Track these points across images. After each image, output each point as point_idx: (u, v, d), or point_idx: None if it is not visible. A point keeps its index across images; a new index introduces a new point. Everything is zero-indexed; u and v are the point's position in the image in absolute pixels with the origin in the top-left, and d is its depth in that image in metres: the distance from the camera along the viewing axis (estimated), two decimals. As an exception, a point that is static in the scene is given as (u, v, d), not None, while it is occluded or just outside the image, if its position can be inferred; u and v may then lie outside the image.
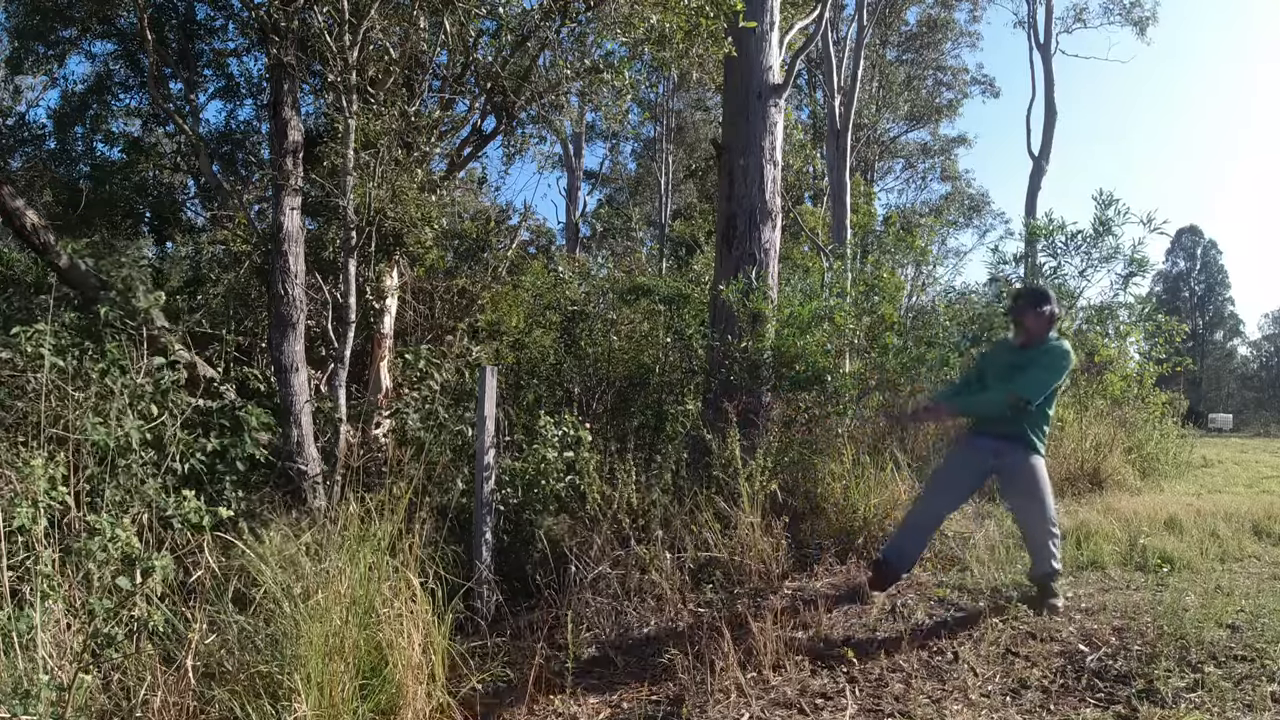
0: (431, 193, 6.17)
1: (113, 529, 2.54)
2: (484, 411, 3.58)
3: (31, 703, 1.95)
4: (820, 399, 5.44)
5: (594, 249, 19.20)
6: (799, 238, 15.55)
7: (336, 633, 2.27)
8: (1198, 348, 40.35)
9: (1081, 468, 6.41)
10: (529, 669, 2.66)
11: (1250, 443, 17.20)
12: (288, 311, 4.32)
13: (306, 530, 2.83)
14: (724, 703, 2.61)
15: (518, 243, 10.79)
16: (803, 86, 19.69)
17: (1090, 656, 2.89)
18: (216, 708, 2.21)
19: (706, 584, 3.70)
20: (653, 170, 21.17)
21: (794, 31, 6.84)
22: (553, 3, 5.32)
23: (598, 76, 5.78)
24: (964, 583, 3.82)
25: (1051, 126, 17.51)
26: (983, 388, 3.68)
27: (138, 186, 7.78)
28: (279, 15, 4.37)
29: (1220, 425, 26.61)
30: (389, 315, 6.64)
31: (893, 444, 5.26)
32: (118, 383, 3.12)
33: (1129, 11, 18.79)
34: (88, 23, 7.05)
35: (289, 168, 4.41)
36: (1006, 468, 3.51)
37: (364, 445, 4.86)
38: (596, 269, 11.48)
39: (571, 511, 3.76)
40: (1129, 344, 8.02)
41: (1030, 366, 3.43)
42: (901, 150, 23.97)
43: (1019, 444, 3.46)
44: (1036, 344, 3.50)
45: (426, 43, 6.19)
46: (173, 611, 2.53)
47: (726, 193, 5.95)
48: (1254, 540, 4.73)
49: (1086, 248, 7.20)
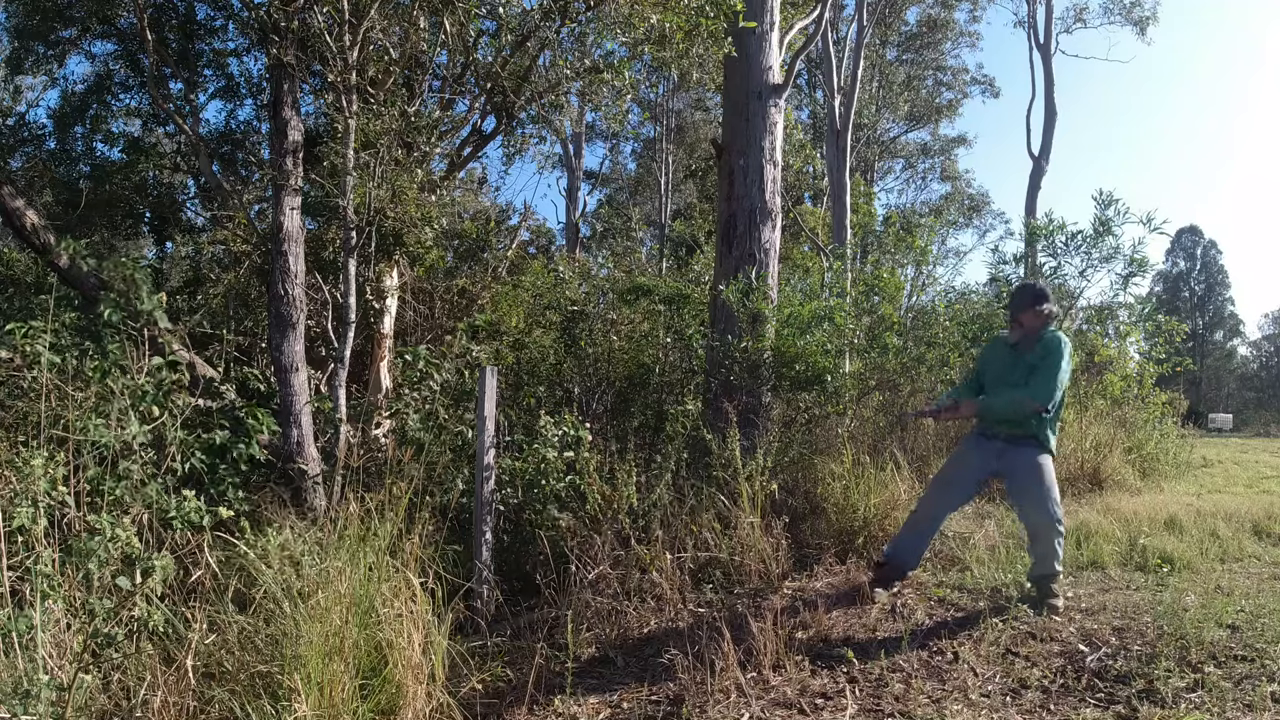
0: (431, 193, 6.18)
1: (113, 529, 2.54)
2: (484, 411, 3.58)
3: (31, 703, 1.95)
4: (820, 399, 5.44)
5: (594, 249, 19.20)
6: (799, 238, 15.56)
7: (336, 633, 2.27)
8: (1198, 348, 40.36)
9: (1081, 468, 6.41)
10: (529, 669, 2.66)
11: (1250, 443, 17.20)
12: (288, 311, 4.32)
13: (306, 530, 2.83)
14: (724, 703, 2.61)
15: (518, 243, 10.78)
16: (803, 86, 19.69)
17: (1090, 656, 2.89)
18: (216, 708, 2.21)
19: (706, 584, 3.70)
20: (653, 170, 21.18)
21: (794, 31, 6.84)
22: (553, 3, 5.32)
23: (598, 76, 5.78)
24: (964, 583, 3.82)
25: (1051, 126, 17.52)
26: (980, 387, 3.69)
27: (138, 186, 7.78)
28: (279, 15, 4.37)
29: (1220, 425, 26.59)
30: (389, 315, 6.64)
31: (893, 444, 5.26)
32: (118, 383, 3.12)
33: (1129, 11, 18.81)
34: (88, 23, 7.06)
35: (289, 168, 4.41)
36: (1013, 468, 3.51)
37: (364, 445, 4.86)
38: (597, 269, 11.48)
39: (572, 511, 3.76)
40: (1129, 344, 8.03)
41: (1037, 370, 3.43)
42: (901, 150, 23.98)
43: (1029, 444, 3.47)
44: (1033, 343, 3.50)
45: (426, 43, 6.19)
46: (173, 611, 2.53)
47: (726, 193, 5.95)
48: (1254, 540, 4.73)
49: (1086, 248, 7.20)
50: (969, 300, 7.41)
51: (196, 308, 6.84)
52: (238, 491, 3.55)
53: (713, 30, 5.56)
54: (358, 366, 6.26)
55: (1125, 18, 18.88)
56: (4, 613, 2.16)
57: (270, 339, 4.41)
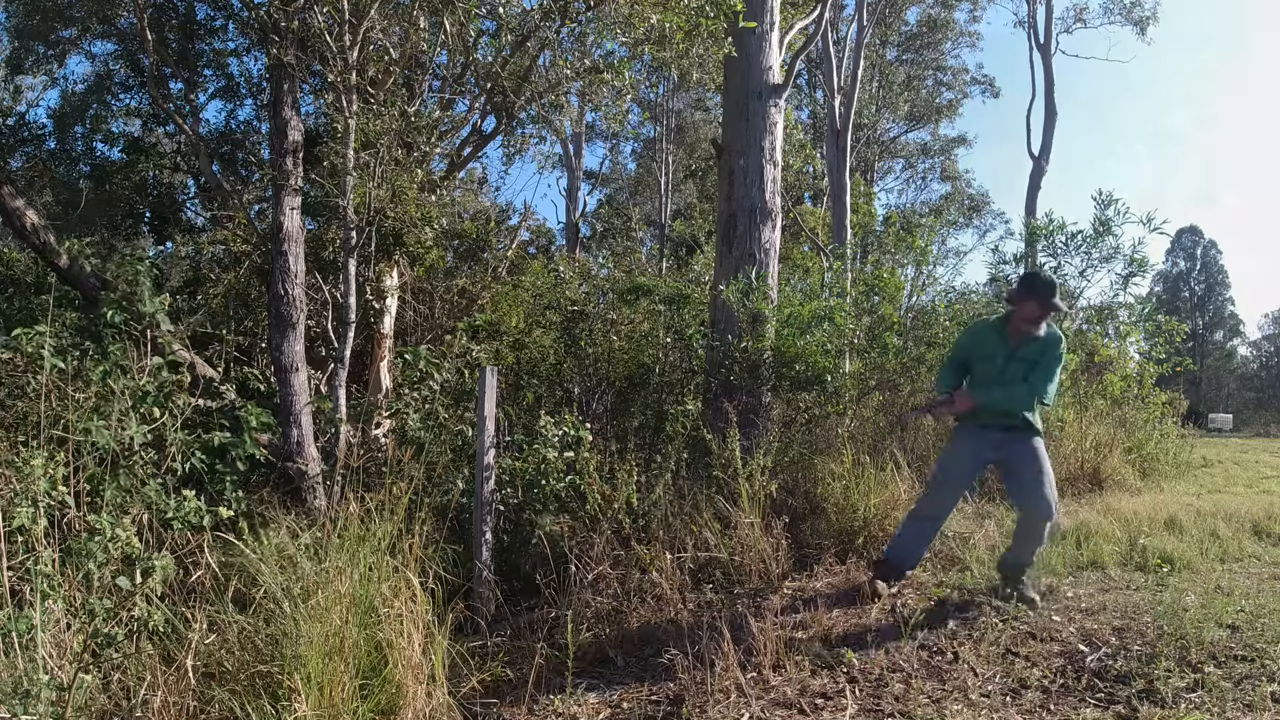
0: (431, 193, 6.18)
1: (113, 529, 2.54)
2: (484, 411, 3.58)
3: (31, 703, 1.95)
4: (820, 399, 5.44)
5: (594, 249, 19.19)
6: (799, 238, 15.55)
7: (336, 633, 2.27)
8: (1198, 348, 40.35)
9: (1081, 468, 6.41)
10: (529, 669, 2.66)
11: (1250, 443, 17.20)
12: (288, 311, 4.32)
13: (306, 530, 2.83)
14: (724, 703, 2.61)
15: (518, 243, 10.78)
16: (803, 86, 19.69)
17: (1090, 656, 2.89)
18: (216, 708, 2.21)
19: (706, 584, 3.70)
20: (653, 170, 21.17)
21: (794, 31, 6.84)
22: (553, 3, 5.32)
23: (598, 76, 5.78)
24: (964, 583, 3.82)
25: (1051, 126, 17.51)
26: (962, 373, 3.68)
27: (138, 186, 7.78)
28: (279, 15, 4.37)
29: (1220, 425, 26.59)
30: (389, 315, 6.64)
31: (893, 444, 5.26)
32: (119, 384, 3.12)
33: (1129, 11, 18.79)
34: (88, 23, 7.06)
35: (289, 168, 4.41)
36: (1013, 457, 3.52)
37: (364, 445, 4.86)
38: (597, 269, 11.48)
39: (572, 511, 3.76)
40: (1129, 344, 8.03)
41: (1038, 366, 3.44)
42: (901, 150, 23.98)
43: (1026, 431, 3.51)
44: (1032, 338, 3.47)
45: (426, 43, 6.20)
46: (173, 611, 2.53)
47: (726, 193, 5.95)
48: (1254, 540, 4.73)
49: (1086, 248, 7.22)
50: (969, 300, 7.41)
51: (196, 308, 6.84)
52: (237, 491, 3.55)
53: (713, 30, 5.56)
54: (358, 366, 6.26)
55: (1125, 18, 18.87)
56: (4, 613, 2.16)
57: (270, 339, 4.41)
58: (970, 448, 3.63)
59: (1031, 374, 3.44)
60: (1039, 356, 3.45)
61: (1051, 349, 3.45)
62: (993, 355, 3.56)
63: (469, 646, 2.83)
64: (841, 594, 3.67)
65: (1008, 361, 3.50)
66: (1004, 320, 3.61)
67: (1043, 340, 3.47)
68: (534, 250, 12.65)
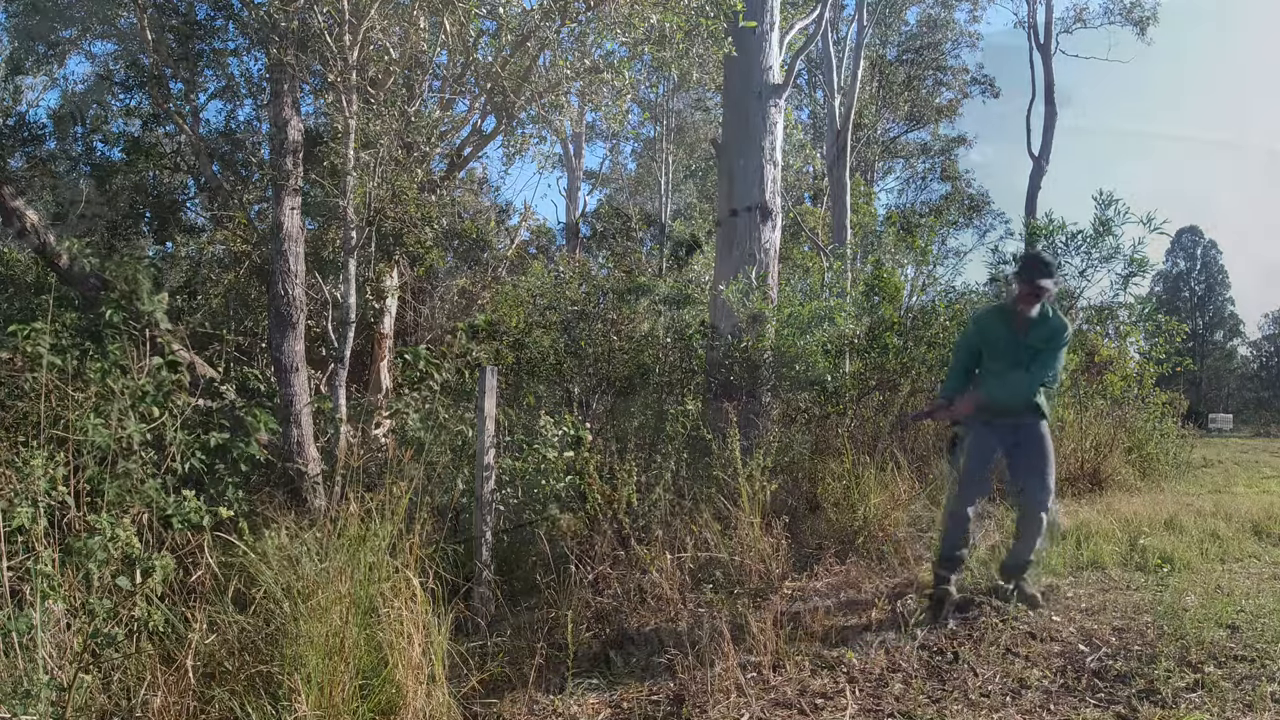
0: (431, 193, 6.17)
1: (113, 529, 2.54)
2: (484, 411, 3.58)
3: (31, 703, 1.95)
4: (820, 399, 5.45)
5: (594, 249, 19.18)
6: (799, 238, 15.54)
7: (336, 632, 2.27)
8: (1198, 348, 40.30)
9: (1081, 468, 6.41)
10: (529, 669, 2.66)
11: (1250, 443, 17.20)
12: (288, 311, 4.32)
13: (306, 530, 2.83)
14: (724, 703, 2.60)
15: (518, 243, 10.78)
16: (803, 86, 19.66)
17: (1090, 656, 2.89)
18: (216, 708, 2.21)
19: (706, 584, 3.70)
20: (653, 170, 21.13)
21: (794, 31, 6.84)
22: (553, 3, 5.32)
23: (598, 76, 5.78)
24: (964, 583, 3.81)
25: (1051, 126, 17.51)
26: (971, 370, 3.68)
27: (138, 187, 7.77)
28: (279, 15, 4.37)
29: (1220, 425, 26.59)
30: (389, 315, 6.64)
31: (893, 444, 5.26)
32: (119, 383, 3.12)
33: (1129, 11, 18.78)
34: (88, 23, 7.06)
35: (289, 168, 4.41)
36: (1024, 441, 3.53)
37: (364, 445, 4.86)
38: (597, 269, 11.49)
39: (572, 511, 3.76)
40: (1129, 344, 8.03)
41: (1042, 354, 3.45)
42: (901, 150, 23.95)
43: (1035, 417, 3.53)
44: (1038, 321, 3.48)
45: (426, 43, 6.19)
46: (173, 611, 2.53)
47: (726, 193, 5.96)
48: (1254, 540, 4.73)
49: (1086, 248, 7.22)
50: (969, 300, 7.41)
51: (196, 308, 6.84)
52: (237, 491, 3.55)
53: (713, 30, 5.56)
54: (358, 366, 6.26)
55: (1125, 18, 18.85)
56: (4, 613, 2.16)
57: (270, 339, 4.41)
58: (984, 440, 3.61)
59: (1034, 362, 3.45)
60: (1043, 343, 3.46)
61: (1057, 334, 3.47)
62: (1003, 343, 3.56)
63: (469, 646, 2.83)
64: (841, 594, 3.67)
65: (1014, 349, 3.51)
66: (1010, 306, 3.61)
67: (1049, 326, 3.47)
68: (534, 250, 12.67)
